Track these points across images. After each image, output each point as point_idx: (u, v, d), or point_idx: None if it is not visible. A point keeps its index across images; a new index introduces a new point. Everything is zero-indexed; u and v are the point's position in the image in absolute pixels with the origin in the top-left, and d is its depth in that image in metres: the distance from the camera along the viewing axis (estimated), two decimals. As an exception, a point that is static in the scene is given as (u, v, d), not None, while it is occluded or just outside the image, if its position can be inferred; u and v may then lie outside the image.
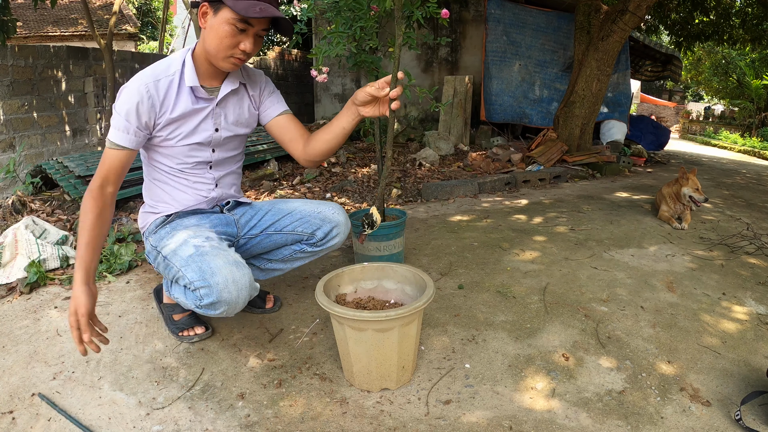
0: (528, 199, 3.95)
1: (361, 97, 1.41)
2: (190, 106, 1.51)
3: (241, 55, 1.43)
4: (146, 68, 1.47)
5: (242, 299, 1.39)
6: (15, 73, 5.08)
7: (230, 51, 1.41)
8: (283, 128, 1.66)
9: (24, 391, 1.41)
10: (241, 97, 1.62)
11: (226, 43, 1.39)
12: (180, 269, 1.42)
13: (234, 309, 1.40)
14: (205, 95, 1.52)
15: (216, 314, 1.41)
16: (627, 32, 4.92)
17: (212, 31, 1.40)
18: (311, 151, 1.59)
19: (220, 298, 1.35)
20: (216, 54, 1.43)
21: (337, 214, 1.69)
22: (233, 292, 1.36)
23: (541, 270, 2.33)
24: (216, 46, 1.41)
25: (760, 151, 11.36)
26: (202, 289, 1.36)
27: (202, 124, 1.55)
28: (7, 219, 2.78)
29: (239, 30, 1.38)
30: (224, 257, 1.40)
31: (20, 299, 1.98)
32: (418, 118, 7.58)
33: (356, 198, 3.81)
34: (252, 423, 1.29)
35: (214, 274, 1.35)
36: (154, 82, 1.45)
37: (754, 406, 1.38)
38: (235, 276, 1.36)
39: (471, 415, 1.33)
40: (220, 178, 1.67)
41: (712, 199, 4.11)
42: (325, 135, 1.55)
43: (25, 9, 12.35)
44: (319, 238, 1.68)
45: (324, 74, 1.75)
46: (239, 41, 1.40)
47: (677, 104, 22.22)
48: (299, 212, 1.69)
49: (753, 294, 2.14)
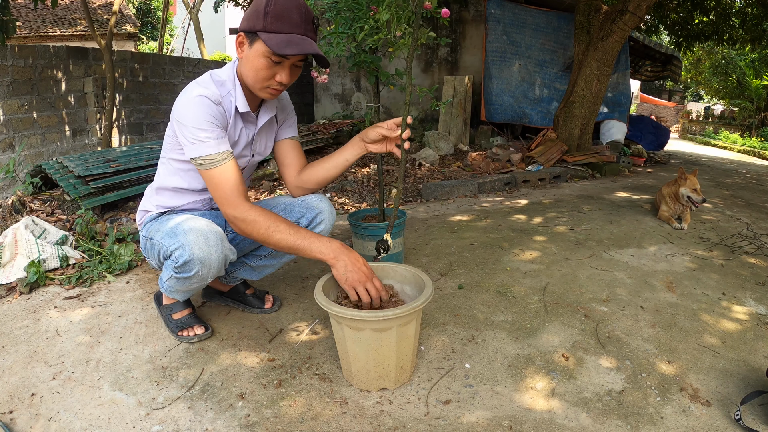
0: (528, 199, 3.95)
1: (372, 136, 1.46)
2: (241, 131, 1.53)
3: (277, 86, 1.43)
4: (201, 82, 1.44)
5: (215, 256, 1.42)
6: (15, 73, 5.08)
7: (267, 82, 1.41)
8: (286, 152, 1.70)
9: (24, 391, 1.41)
10: (272, 122, 1.66)
11: (261, 75, 1.39)
12: (160, 242, 1.47)
13: (208, 269, 1.43)
14: (252, 120, 1.54)
15: (190, 276, 1.44)
16: (627, 32, 4.92)
17: (248, 62, 1.39)
18: (307, 177, 1.66)
19: (192, 255, 1.38)
20: (253, 84, 1.43)
21: (321, 202, 1.68)
22: (204, 248, 1.39)
23: (541, 270, 2.33)
24: (252, 77, 1.41)
25: (759, 151, 11.36)
26: (177, 251, 1.40)
27: (246, 149, 1.59)
28: (7, 219, 2.78)
29: (274, 62, 1.37)
30: (195, 220, 1.43)
31: (20, 299, 1.98)
32: (418, 118, 7.58)
33: (356, 198, 3.81)
34: (252, 423, 1.29)
35: (186, 234, 1.40)
36: (221, 98, 1.44)
37: (754, 406, 1.38)
38: (205, 233, 1.40)
39: (471, 415, 1.33)
40: None
41: (712, 199, 4.11)
42: (327, 164, 1.60)
43: (25, 9, 12.36)
44: (303, 226, 1.66)
45: (324, 75, 1.74)
46: (275, 73, 1.39)
47: (677, 104, 22.23)
48: (284, 203, 1.70)
49: (753, 294, 2.14)
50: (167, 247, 1.44)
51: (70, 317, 1.83)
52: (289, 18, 1.33)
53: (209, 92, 1.40)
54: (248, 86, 1.45)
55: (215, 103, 1.41)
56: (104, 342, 1.67)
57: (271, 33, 1.33)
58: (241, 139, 1.55)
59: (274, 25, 1.33)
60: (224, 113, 1.45)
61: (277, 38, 1.32)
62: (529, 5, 6.73)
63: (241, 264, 1.81)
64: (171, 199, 1.63)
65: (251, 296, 1.89)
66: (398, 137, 1.50)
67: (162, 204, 1.63)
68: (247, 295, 1.88)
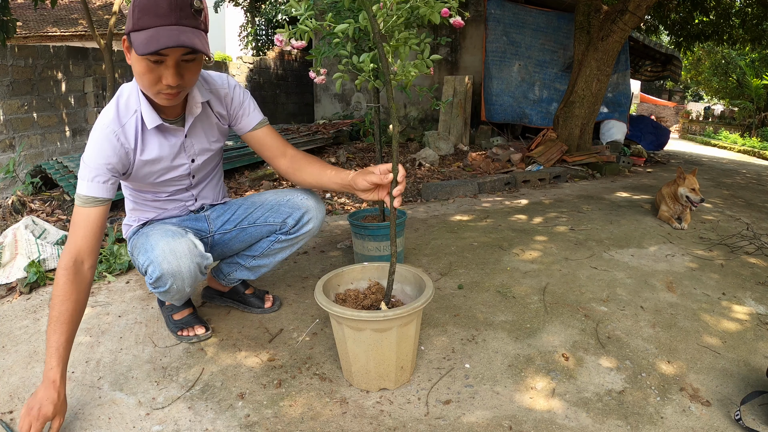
0: (528, 199, 3.95)
1: (363, 185, 1.36)
2: (158, 145, 1.42)
3: (168, 90, 1.26)
4: (104, 111, 1.36)
5: (185, 267, 1.38)
6: (15, 73, 5.08)
7: (155, 87, 1.26)
8: (263, 144, 1.59)
9: (24, 391, 1.41)
10: (207, 117, 1.51)
11: (146, 80, 1.25)
12: (137, 259, 1.46)
13: (182, 281, 1.40)
14: (172, 128, 1.43)
15: (166, 290, 1.42)
16: (627, 32, 4.92)
17: (133, 67, 1.26)
18: (301, 180, 1.59)
19: (162, 270, 1.36)
20: (146, 91, 1.30)
21: (307, 200, 1.63)
22: (172, 261, 1.36)
23: (541, 270, 2.33)
24: (141, 84, 1.28)
25: (759, 151, 11.35)
26: (149, 267, 1.39)
27: (177, 159, 1.49)
28: (7, 219, 2.78)
29: (153, 63, 1.21)
30: (165, 232, 1.40)
31: (20, 299, 1.98)
32: (418, 118, 7.58)
33: (356, 198, 3.81)
34: (252, 423, 1.29)
35: (154, 249, 1.37)
36: (121, 127, 1.34)
37: (754, 406, 1.38)
38: (171, 246, 1.37)
39: (471, 415, 1.33)
40: (199, 193, 1.68)
41: (712, 199, 4.11)
42: (314, 178, 1.54)
43: (25, 9, 12.35)
44: (290, 226, 1.65)
45: (322, 75, 1.74)
46: (159, 75, 1.23)
47: (677, 104, 22.22)
48: (270, 203, 1.66)
49: (753, 294, 2.14)
50: (141, 264, 1.43)
51: (70, 317, 1.83)
52: (156, 9, 1.16)
53: (109, 121, 1.33)
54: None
55: (113, 133, 1.32)
56: (104, 342, 1.67)
57: (138, 31, 1.18)
58: (164, 151, 1.44)
59: (140, 21, 1.17)
60: (125, 140, 1.35)
61: (141, 36, 1.17)
62: (529, 5, 6.73)
63: (236, 265, 1.79)
64: (144, 213, 1.62)
65: (251, 296, 1.89)
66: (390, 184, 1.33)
67: (139, 216, 1.62)
68: (246, 295, 1.88)
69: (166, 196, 1.60)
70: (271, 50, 11.33)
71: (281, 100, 10.72)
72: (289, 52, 10.71)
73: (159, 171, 1.49)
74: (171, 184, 1.57)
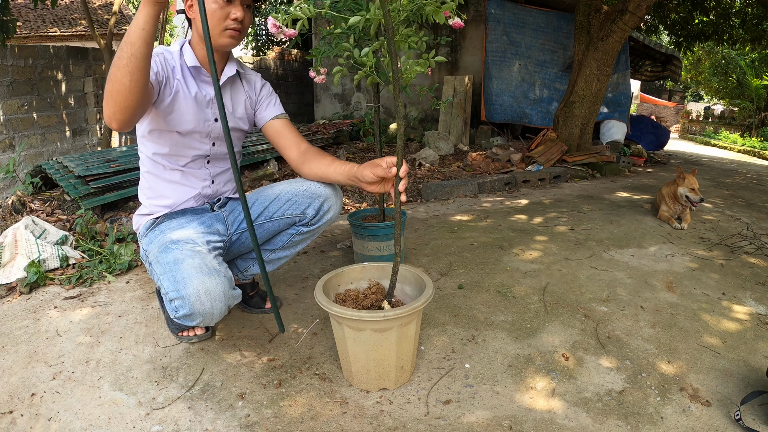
0: (528, 199, 3.95)
1: (368, 178, 1.40)
2: (191, 86, 1.52)
3: (235, 25, 1.45)
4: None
5: (217, 309, 1.36)
6: (15, 73, 5.08)
7: (223, 23, 1.44)
8: (280, 134, 1.68)
9: (24, 391, 1.41)
10: (238, 89, 1.64)
11: (216, 16, 1.42)
12: (159, 277, 1.41)
13: (211, 320, 1.38)
14: (207, 78, 1.54)
15: (193, 325, 1.41)
16: (627, 32, 4.92)
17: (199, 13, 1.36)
18: (308, 171, 1.62)
19: (193, 310, 1.33)
20: (213, 30, 1.43)
21: (323, 187, 1.62)
22: (206, 303, 1.33)
23: (541, 270, 2.33)
24: (211, 22, 1.42)
25: (759, 151, 11.35)
26: (177, 301, 1.34)
27: (203, 110, 1.55)
28: (7, 219, 2.78)
29: (225, 2, 1.42)
30: (199, 266, 1.35)
31: (20, 299, 1.98)
32: (418, 118, 7.58)
33: (356, 198, 3.81)
34: (252, 423, 1.29)
35: (187, 285, 1.32)
36: (169, 52, 1.49)
37: (753, 406, 1.38)
38: (207, 287, 1.33)
39: (471, 415, 1.33)
40: (216, 175, 1.66)
41: (712, 199, 4.11)
42: (321, 170, 1.58)
43: (25, 9, 12.36)
44: (311, 217, 1.63)
45: (322, 75, 1.74)
46: (228, 11, 1.43)
47: (677, 104, 22.22)
48: (285, 195, 1.64)
49: (753, 294, 2.14)
50: (166, 290, 1.37)
51: (70, 317, 1.83)
52: None
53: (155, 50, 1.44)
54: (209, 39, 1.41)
55: (162, 49, 1.49)
56: (104, 342, 1.67)
57: None
58: (194, 92, 1.53)
59: None
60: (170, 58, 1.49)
61: None
62: (529, 5, 6.73)
63: (254, 260, 1.78)
64: (159, 197, 1.59)
65: (253, 297, 1.89)
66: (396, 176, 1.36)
67: (153, 205, 1.60)
68: (249, 297, 1.88)
69: (183, 164, 1.58)
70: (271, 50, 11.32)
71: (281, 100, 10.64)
72: (289, 52, 10.71)
73: (185, 114, 1.50)
74: (191, 143, 1.56)
